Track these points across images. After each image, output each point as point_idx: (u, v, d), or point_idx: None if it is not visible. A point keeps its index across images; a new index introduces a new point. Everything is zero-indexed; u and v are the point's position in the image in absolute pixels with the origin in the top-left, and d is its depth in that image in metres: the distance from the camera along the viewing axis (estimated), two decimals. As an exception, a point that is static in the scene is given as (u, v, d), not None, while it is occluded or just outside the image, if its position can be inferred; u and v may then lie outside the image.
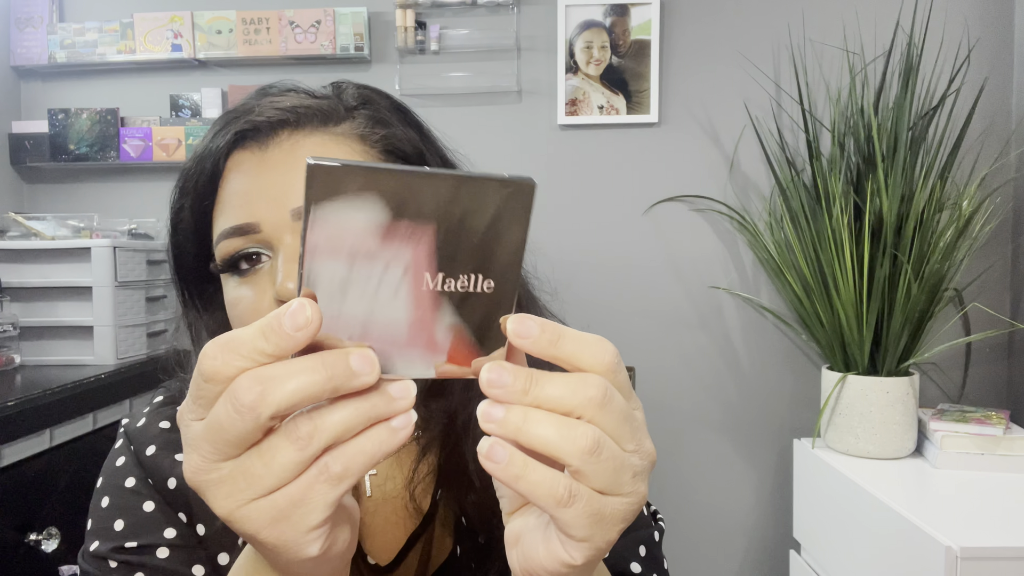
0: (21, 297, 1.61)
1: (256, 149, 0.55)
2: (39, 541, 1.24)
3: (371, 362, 0.31)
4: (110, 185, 1.92)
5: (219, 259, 0.55)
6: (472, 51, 1.81)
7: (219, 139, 0.55)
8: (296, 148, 0.55)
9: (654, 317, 1.82)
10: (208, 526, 0.57)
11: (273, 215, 0.53)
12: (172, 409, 0.63)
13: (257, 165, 0.54)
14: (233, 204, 0.54)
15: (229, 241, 0.54)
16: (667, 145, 1.80)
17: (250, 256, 0.54)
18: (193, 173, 0.57)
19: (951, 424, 1.43)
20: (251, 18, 1.80)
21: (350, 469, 0.31)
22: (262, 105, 0.56)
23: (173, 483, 0.58)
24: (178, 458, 0.59)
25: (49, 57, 1.85)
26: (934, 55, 1.67)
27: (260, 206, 0.53)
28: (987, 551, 1.05)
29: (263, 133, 0.55)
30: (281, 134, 0.55)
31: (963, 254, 1.56)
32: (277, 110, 0.56)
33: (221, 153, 0.55)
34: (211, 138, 0.56)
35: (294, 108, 0.56)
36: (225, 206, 0.55)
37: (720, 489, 1.83)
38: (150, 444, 0.60)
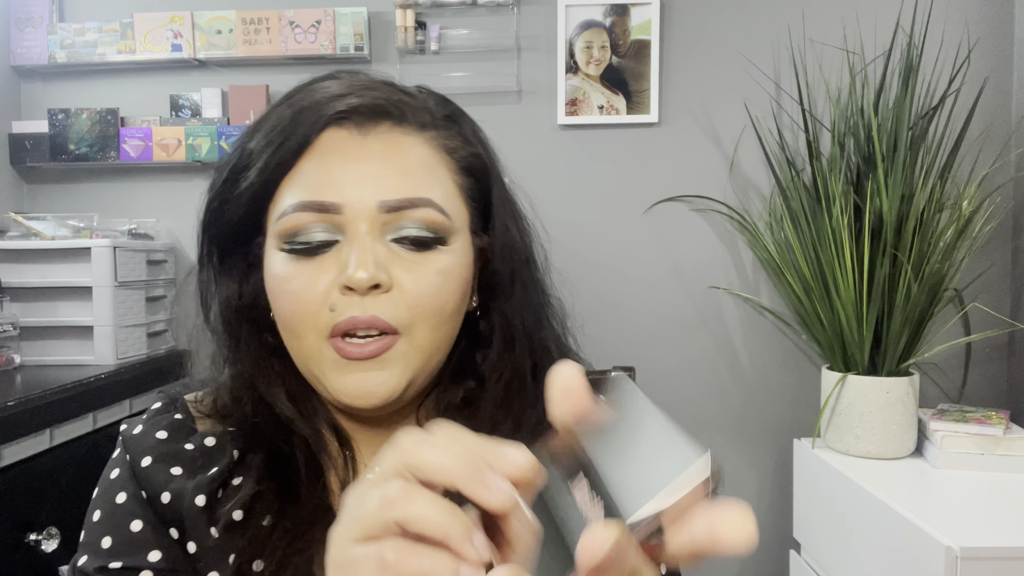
0: (21, 297, 1.61)
1: (355, 131, 0.55)
2: (39, 541, 1.24)
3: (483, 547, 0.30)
4: (110, 185, 1.92)
5: (282, 230, 0.54)
6: (472, 51, 1.81)
7: (316, 113, 0.54)
8: (394, 142, 0.55)
9: (654, 317, 1.82)
10: (199, 543, 0.55)
11: (359, 201, 0.53)
12: (170, 417, 0.61)
13: (355, 148, 0.54)
14: (318, 180, 0.54)
15: (303, 215, 0.53)
16: (667, 145, 1.80)
17: (321, 243, 0.54)
18: (275, 137, 0.55)
19: (951, 424, 1.43)
20: (251, 18, 1.80)
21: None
22: (360, 90, 0.56)
23: (167, 497, 0.56)
24: (173, 472, 0.57)
25: (49, 57, 1.85)
26: (934, 55, 1.67)
27: (349, 189, 0.53)
28: (987, 551, 1.05)
29: (365, 118, 0.55)
30: (382, 124, 0.56)
31: (963, 254, 1.56)
32: (383, 100, 0.56)
33: (318, 127, 0.54)
34: (300, 111, 0.55)
35: (400, 103, 0.57)
36: (307, 179, 0.54)
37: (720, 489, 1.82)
38: (146, 455, 0.58)
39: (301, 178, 0.54)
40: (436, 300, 0.55)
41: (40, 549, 1.24)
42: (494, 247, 0.61)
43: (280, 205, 0.55)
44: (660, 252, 1.82)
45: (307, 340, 0.54)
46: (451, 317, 0.57)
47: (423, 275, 0.54)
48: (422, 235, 0.54)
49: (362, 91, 0.56)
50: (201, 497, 0.55)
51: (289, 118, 0.55)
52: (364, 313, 0.52)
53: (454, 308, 0.56)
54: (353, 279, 0.51)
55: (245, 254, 0.60)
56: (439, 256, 0.55)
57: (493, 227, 0.61)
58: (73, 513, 1.34)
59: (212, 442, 0.59)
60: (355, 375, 0.54)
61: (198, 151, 1.82)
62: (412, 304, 0.54)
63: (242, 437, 0.59)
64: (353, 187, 0.53)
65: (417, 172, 0.55)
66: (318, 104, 0.55)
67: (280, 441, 0.58)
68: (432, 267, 0.55)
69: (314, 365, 0.55)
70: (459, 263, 0.57)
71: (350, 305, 0.52)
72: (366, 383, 0.54)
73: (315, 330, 0.54)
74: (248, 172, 0.56)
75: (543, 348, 0.62)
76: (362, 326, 0.52)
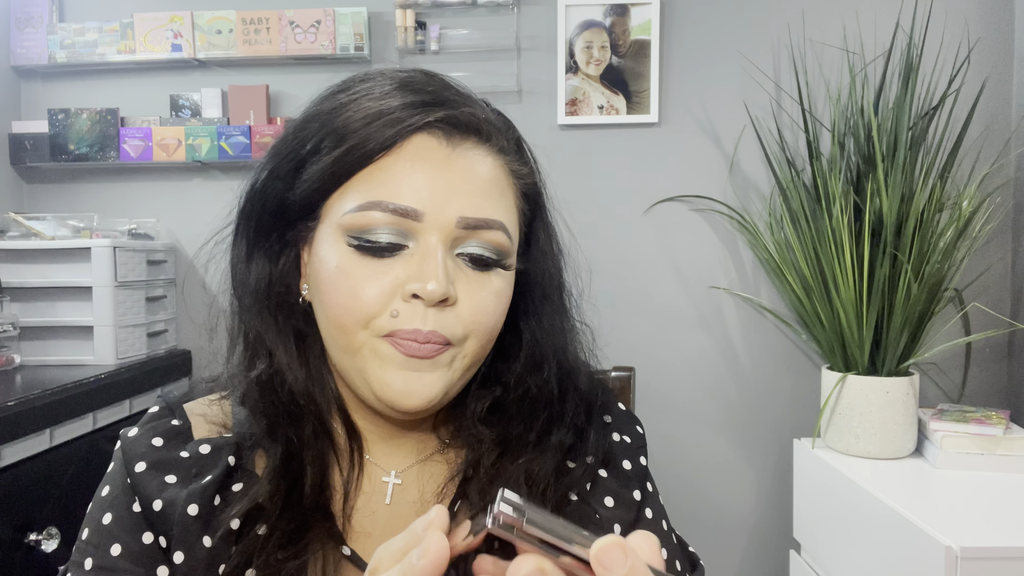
0: (21, 297, 1.61)
1: (444, 141, 0.55)
2: (39, 541, 1.24)
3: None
4: (110, 185, 1.92)
5: (353, 225, 0.54)
6: (472, 51, 1.81)
7: (412, 116, 0.54)
8: (479, 160, 0.56)
9: (654, 317, 1.82)
10: (187, 552, 0.55)
11: (440, 211, 0.53)
12: (167, 423, 0.61)
13: (443, 159, 0.55)
14: (402, 183, 0.54)
15: (379, 214, 0.53)
16: (667, 145, 1.80)
17: (391, 245, 0.54)
18: (363, 128, 0.54)
19: (951, 424, 1.43)
20: (251, 18, 1.80)
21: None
22: (455, 100, 0.57)
23: (159, 505, 0.55)
24: (167, 480, 0.57)
25: (49, 57, 1.85)
26: (934, 55, 1.67)
27: (433, 198, 0.53)
28: (987, 551, 1.05)
29: (456, 130, 0.56)
30: (469, 140, 0.56)
31: (963, 254, 1.56)
32: (475, 116, 0.57)
33: (409, 130, 0.54)
34: (394, 108, 0.54)
35: (487, 122, 0.58)
36: (391, 177, 0.54)
37: (720, 489, 1.83)
38: (140, 460, 0.58)
39: (379, 177, 0.54)
40: (490, 319, 0.56)
41: (40, 549, 1.24)
42: (531, 270, 0.62)
43: (348, 199, 0.55)
44: (660, 252, 1.82)
45: (356, 335, 0.54)
46: (495, 334, 0.58)
47: (482, 296, 0.55)
48: (488, 256, 0.56)
49: (454, 103, 0.56)
50: (194, 506, 0.55)
51: (373, 116, 0.54)
52: (426, 326, 0.53)
53: (499, 326, 0.58)
54: (426, 290, 0.52)
55: (283, 234, 0.59)
56: (497, 277, 0.57)
57: (532, 251, 0.63)
58: (73, 513, 1.34)
59: (207, 450, 0.59)
60: (406, 373, 0.54)
61: (198, 151, 1.82)
62: (470, 322, 0.55)
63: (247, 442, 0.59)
64: (436, 197, 0.53)
65: (495, 192, 0.56)
66: (407, 107, 0.55)
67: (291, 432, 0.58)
68: (491, 288, 0.56)
69: (358, 358, 0.55)
70: (509, 284, 0.58)
71: (414, 315, 0.53)
72: (414, 383, 0.54)
73: (368, 327, 0.54)
74: (318, 160, 0.55)
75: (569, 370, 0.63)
76: (422, 340, 0.53)
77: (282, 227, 0.59)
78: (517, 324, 0.63)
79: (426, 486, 0.61)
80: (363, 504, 0.60)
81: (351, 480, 0.60)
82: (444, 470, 0.62)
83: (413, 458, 0.62)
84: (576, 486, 0.60)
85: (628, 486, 0.63)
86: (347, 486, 0.59)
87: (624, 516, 0.61)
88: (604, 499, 0.61)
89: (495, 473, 0.58)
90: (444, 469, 0.62)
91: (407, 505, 0.60)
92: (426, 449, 0.63)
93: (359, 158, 0.54)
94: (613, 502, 0.61)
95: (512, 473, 0.58)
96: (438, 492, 0.60)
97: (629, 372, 1.07)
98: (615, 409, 0.69)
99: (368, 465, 0.61)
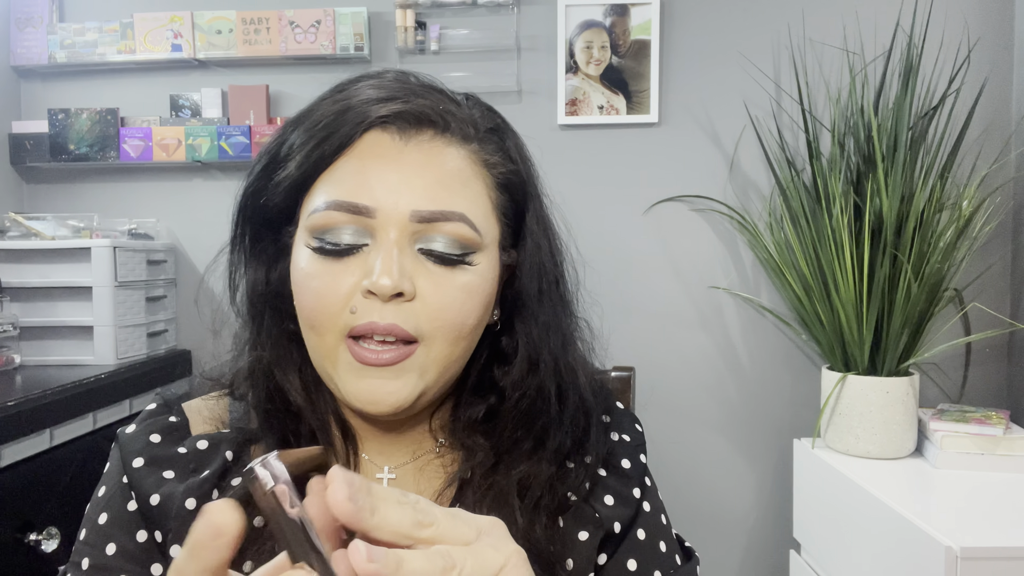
0: (21, 297, 1.61)
1: (396, 137, 0.55)
2: (39, 541, 1.24)
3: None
4: (110, 185, 1.92)
5: (313, 226, 0.54)
6: (472, 51, 1.81)
7: (362, 114, 0.54)
8: (435, 152, 0.55)
9: (654, 317, 1.82)
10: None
11: (393, 207, 0.53)
12: (164, 419, 0.61)
13: (396, 153, 0.54)
14: (355, 181, 0.54)
15: (335, 214, 0.53)
16: (667, 145, 1.80)
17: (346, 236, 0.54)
18: (318, 132, 0.55)
19: (951, 424, 1.43)
20: (251, 18, 1.80)
21: None
22: (409, 95, 0.56)
23: (156, 500, 0.56)
24: (165, 475, 0.57)
25: (49, 57, 1.85)
26: (934, 55, 1.67)
27: (384, 193, 0.53)
28: (987, 551, 1.05)
29: (408, 124, 0.55)
30: (424, 133, 0.55)
31: (963, 254, 1.56)
32: (429, 108, 0.55)
33: (361, 128, 0.54)
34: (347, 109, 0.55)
35: (444, 112, 0.56)
36: (344, 179, 0.54)
37: (720, 489, 1.83)
38: (138, 456, 0.58)
39: (338, 177, 0.54)
40: (457, 315, 0.55)
41: (40, 549, 1.24)
42: (523, 264, 0.61)
43: (314, 200, 0.55)
44: (660, 252, 1.82)
45: (326, 338, 0.54)
46: (471, 332, 0.57)
47: (447, 289, 0.54)
48: (450, 251, 0.55)
49: (410, 96, 0.56)
50: (192, 500, 0.55)
51: (333, 115, 0.55)
52: (384, 320, 0.52)
53: (474, 324, 0.56)
54: (377, 285, 0.51)
55: (275, 240, 0.60)
56: (464, 271, 0.55)
57: (524, 245, 0.61)
58: (73, 513, 1.34)
59: (205, 445, 0.59)
60: (368, 381, 0.54)
61: (198, 151, 1.82)
62: (433, 316, 0.54)
63: (244, 436, 0.59)
64: (388, 192, 0.53)
65: (453, 184, 0.55)
66: (364, 104, 0.55)
67: (288, 431, 0.59)
68: (457, 282, 0.55)
69: (329, 364, 0.55)
70: (484, 279, 0.56)
71: (371, 310, 0.53)
72: (378, 390, 0.54)
73: (333, 329, 0.54)
74: (288, 163, 0.56)
75: (569, 369, 0.62)
76: (380, 332, 0.53)
77: (273, 233, 0.60)
78: (514, 325, 0.62)
79: (424, 487, 0.61)
80: None
81: None
82: (441, 473, 0.62)
83: (408, 456, 0.62)
84: (575, 487, 0.60)
85: (628, 484, 0.63)
86: None
87: (624, 513, 0.61)
88: (604, 498, 0.61)
89: (489, 485, 0.58)
90: (441, 472, 0.62)
91: None
92: (421, 449, 0.63)
93: (318, 159, 0.55)
94: (613, 500, 0.61)
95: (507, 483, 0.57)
96: (435, 496, 0.60)
97: (629, 372, 1.07)
98: (614, 408, 0.69)
99: (364, 463, 0.62)
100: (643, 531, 0.62)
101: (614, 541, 0.60)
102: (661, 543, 0.63)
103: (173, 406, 0.63)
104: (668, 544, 0.63)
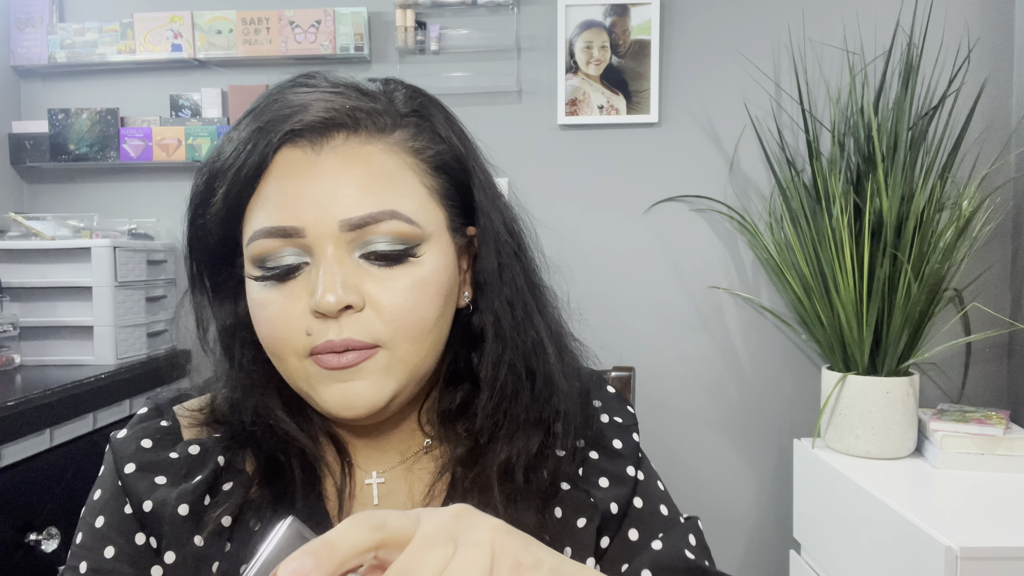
0: (21, 297, 1.61)
1: (308, 149, 0.53)
2: (39, 541, 1.24)
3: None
4: (110, 185, 1.92)
5: (252, 256, 0.54)
6: (472, 51, 1.81)
7: (269, 133, 0.52)
8: (351, 155, 0.53)
9: (654, 317, 1.82)
10: (179, 552, 0.55)
11: (320, 222, 0.51)
12: (155, 424, 0.61)
13: (308, 167, 0.52)
14: (277, 203, 0.52)
15: (268, 240, 0.52)
16: (667, 145, 1.80)
17: (288, 267, 0.53)
18: (233, 160, 0.53)
19: (951, 424, 1.43)
20: (251, 18, 1.80)
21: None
22: (315, 102, 0.53)
23: (149, 505, 0.56)
24: (157, 481, 0.57)
25: (49, 57, 1.85)
26: (934, 55, 1.67)
27: (307, 210, 0.51)
28: (987, 551, 1.05)
29: (317, 133, 0.53)
30: (336, 137, 0.53)
31: (963, 254, 1.56)
32: (335, 111, 0.53)
33: (271, 148, 0.53)
34: (256, 130, 0.53)
35: (353, 110, 0.54)
36: (268, 203, 0.53)
37: (720, 489, 1.83)
38: (130, 462, 0.58)
39: (263, 202, 0.53)
40: (413, 314, 0.53)
41: (40, 549, 1.24)
42: (481, 240, 0.59)
43: (248, 229, 0.54)
44: (660, 252, 1.82)
45: (289, 362, 0.54)
46: (434, 326, 0.55)
47: (397, 290, 0.53)
48: (391, 249, 0.53)
49: (313, 103, 0.53)
50: (184, 506, 0.55)
51: (247, 138, 0.53)
52: (339, 336, 0.52)
53: (435, 316, 0.55)
54: (321, 304, 0.51)
55: (232, 274, 0.59)
56: (411, 268, 0.54)
57: (477, 221, 0.59)
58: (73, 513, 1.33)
59: (197, 450, 0.59)
60: (337, 385, 0.53)
61: (198, 151, 1.82)
62: (389, 320, 0.53)
63: (235, 444, 0.59)
64: (311, 208, 0.51)
65: (378, 183, 0.53)
66: (273, 122, 0.53)
67: (277, 448, 0.59)
68: (406, 280, 0.53)
69: (301, 382, 0.55)
70: (436, 270, 0.55)
71: (326, 329, 0.52)
72: (347, 393, 0.53)
73: (294, 353, 0.53)
74: (214, 199, 0.55)
75: (536, 342, 0.60)
76: (339, 348, 0.52)
77: (227, 267, 0.59)
78: (479, 303, 0.60)
79: (414, 486, 0.61)
80: (356, 509, 0.60)
81: (344, 487, 0.60)
82: (431, 467, 0.62)
83: (397, 459, 0.62)
84: (566, 474, 0.59)
85: (622, 464, 0.62)
86: (340, 493, 0.59)
87: (620, 493, 0.60)
88: (598, 480, 0.60)
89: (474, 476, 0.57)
90: (431, 466, 0.62)
91: (397, 504, 0.61)
92: (409, 450, 0.62)
93: (240, 189, 0.53)
94: (608, 482, 0.60)
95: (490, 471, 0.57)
96: (426, 493, 0.60)
97: (629, 372, 1.06)
98: (604, 393, 0.68)
99: (354, 470, 0.62)
100: (640, 500, 0.61)
101: (615, 521, 0.60)
102: (661, 507, 0.62)
103: (165, 410, 0.63)
104: (669, 508, 0.62)
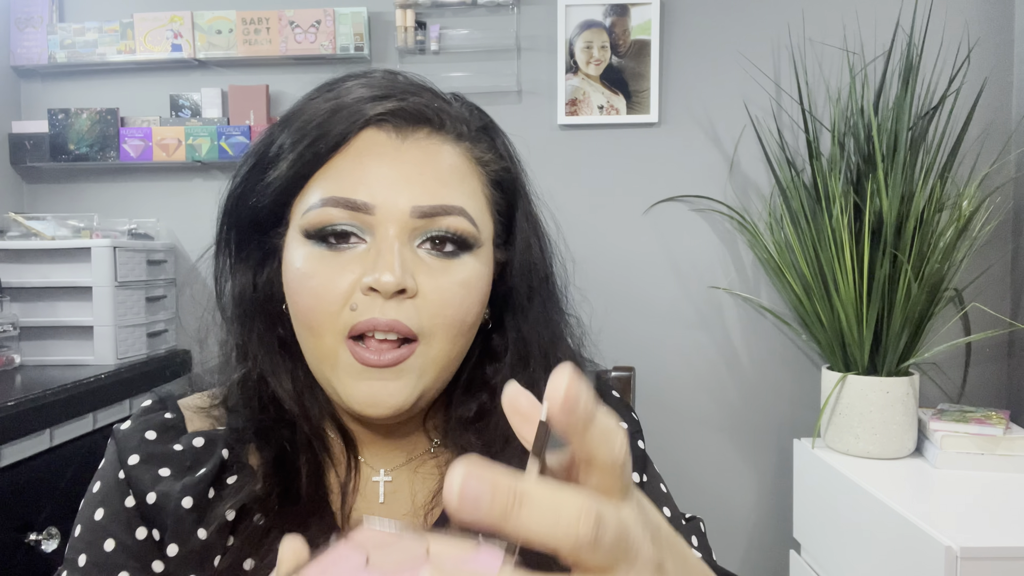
0: (21, 297, 1.61)
1: (393, 135, 0.55)
2: (39, 541, 1.24)
3: None
4: (110, 185, 1.92)
5: (308, 224, 0.54)
6: (472, 51, 1.81)
7: (365, 107, 0.54)
8: (432, 149, 0.55)
9: (654, 317, 1.82)
10: (182, 545, 0.55)
11: (391, 203, 0.53)
12: (159, 416, 0.61)
13: (392, 151, 0.54)
14: (353, 178, 0.53)
15: (332, 210, 0.53)
16: (667, 145, 1.80)
17: (345, 233, 0.53)
18: (318, 122, 0.54)
19: (951, 424, 1.43)
20: (251, 18, 1.80)
21: None
22: (405, 94, 0.56)
23: (152, 498, 0.55)
24: (161, 473, 0.57)
25: (49, 57, 1.85)
26: (934, 55, 1.67)
27: (382, 190, 0.53)
28: (987, 551, 1.05)
29: (406, 123, 0.55)
30: (421, 130, 0.56)
31: (963, 254, 1.56)
32: (425, 107, 0.56)
33: (363, 121, 0.54)
34: (340, 105, 0.55)
35: (440, 110, 0.57)
36: (341, 176, 0.54)
37: (720, 489, 1.83)
38: (134, 453, 0.58)
39: (334, 175, 0.54)
40: (458, 311, 0.54)
41: (40, 549, 1.24)
42: (514, 262, 0.61)
43: (308, 199, 0.55)
44: (660, 252, 1.82)
45: (324, 340, 0.54)
46: (469, 329, 0.56)
47: (447, 285, 0.54)
48: (450, 246, 0.55)
49: (403, 94, 0.56)
50: (188, 499, 0.55)
51: (326, 113, 0.55)
52: (385, 316, 0.52)
53: (473, 320, 0.56)
54: (380, 282, 0.51)
55: (262, 244, 0.59)
56: (463, 266, 0.55)
57: (515, 242, 0.61)
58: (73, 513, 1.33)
59: (201, 443, 0.59)
60: (369, 383, 0.53)
61: (198, 151, 1.82)
62: (434, 313, 0.54)
63: (240, 437, 0.59)
64: (387, 189, 0.53)
65: (451, 180, 0.55)
66: (357, 102, 0.55)
67: (284, 440, 0.58)
68: (456, 277, 0.55)
69: (327, 367, 0.55)
70: (481, 275, 0.56)
71: (372, 306, 0.52)
72: (379, 392, 0.53)
73: (333, 329, 0.53)
74: (278, 163, 0.55)
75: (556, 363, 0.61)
76: (382, 328, 0.52)
77: (260, 236, 0.59)
78: (504, 322, 0.61)
79: (418, 489, 0.61)
80: (360, 504, 0.60)
81: (348, 481, 0.60)
82: (436, 473, 0.62)
83: (403, 458, 0.62)
84: None
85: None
86: (344, 487, 0.59)
87: None
88: None
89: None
90: (436, 472, 0.62)
91: (402, 504, 0.61)
92: (416, 450, 0.63)
93: (312, 158, 0.54)
94: None
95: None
96: (429, 500, 0.60)
97: (629, 372, 1.07)
98: (609, 399, 0.69)
99: (362, 466, 0.62)
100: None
101: None
102: (664, 509, 0.62)
103: (168, 402, 0.63)
104: (672, 510, 0.63)
